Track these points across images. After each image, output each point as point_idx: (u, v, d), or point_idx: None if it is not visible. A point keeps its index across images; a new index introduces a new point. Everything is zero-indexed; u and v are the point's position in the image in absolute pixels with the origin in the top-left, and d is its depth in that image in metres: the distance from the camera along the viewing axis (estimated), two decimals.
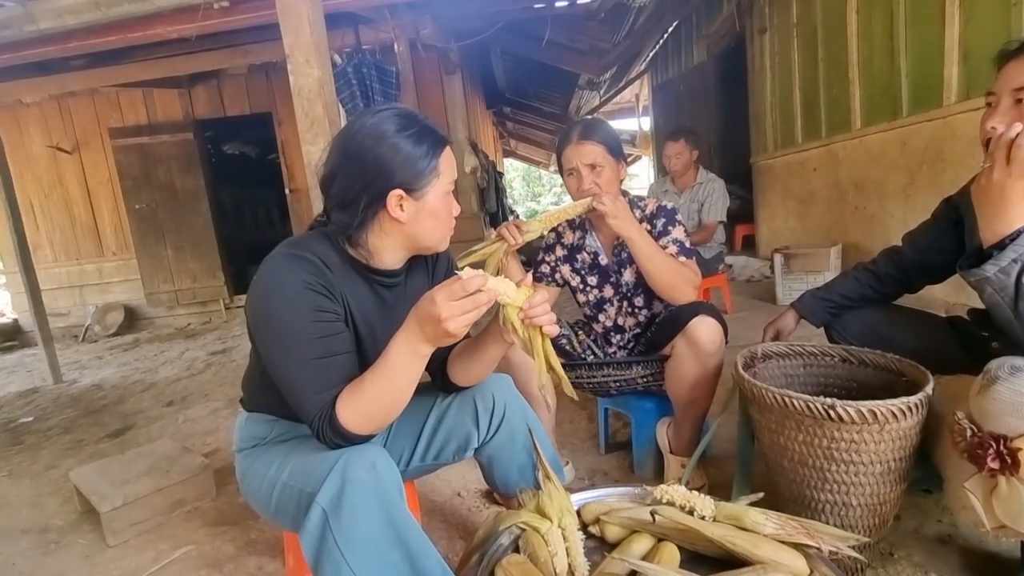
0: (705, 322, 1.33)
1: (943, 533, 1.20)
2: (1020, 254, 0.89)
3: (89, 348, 5.11)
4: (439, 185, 0.94)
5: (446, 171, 0.95)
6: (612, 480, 1.63)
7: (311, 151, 2.13)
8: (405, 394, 0.89)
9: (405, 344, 0.85)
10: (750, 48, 4.90)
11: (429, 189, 0.93)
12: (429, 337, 0.83)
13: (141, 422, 2.69)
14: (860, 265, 1.41)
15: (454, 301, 0.79)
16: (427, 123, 0.95)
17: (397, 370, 0.86)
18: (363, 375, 0.88)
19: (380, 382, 0.86)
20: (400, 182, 0.91)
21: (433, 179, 0.93)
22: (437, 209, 0.95)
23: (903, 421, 0.95)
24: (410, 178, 0.91)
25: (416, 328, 0.83)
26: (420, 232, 0.96)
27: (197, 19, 2.91)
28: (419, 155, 0.92)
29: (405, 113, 0.95)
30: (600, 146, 1.44)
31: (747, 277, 4.50)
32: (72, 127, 5.54)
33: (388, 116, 0.93)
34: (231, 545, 1.50)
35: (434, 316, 0.79)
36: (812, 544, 0.82)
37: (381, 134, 0.91)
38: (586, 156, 1.44)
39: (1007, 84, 0.97)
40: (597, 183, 1.44)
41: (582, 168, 1.44)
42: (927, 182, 2.89)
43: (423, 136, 0.93)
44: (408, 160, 0.91)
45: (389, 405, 0.88)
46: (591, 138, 1.44)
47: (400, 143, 0.91)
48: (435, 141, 0.94)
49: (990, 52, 1.05)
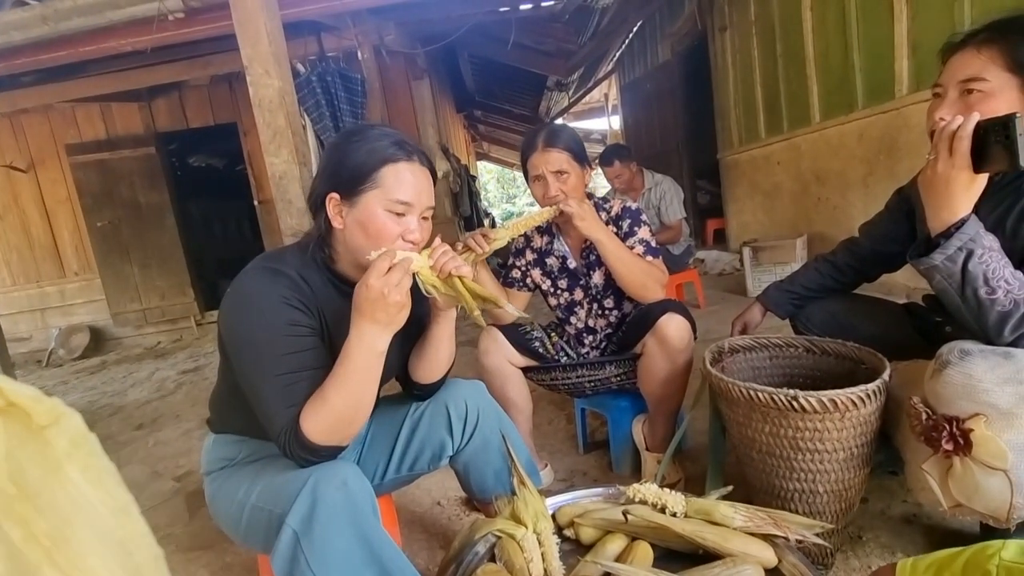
0: (673, 319, 1.35)
1: (908, 513, 1.24)
2: (965, 242, 0.92)
3: (53, 373, 4.93)
4: (375, 197, 0.92)
5: (392, 187, 0.92)
6: (591, 480, 1.64)
7: (275, 163, 2.09)
8: (368, 398, 0.89)
9: (360, 344, 0.85)
10: (712, 46, 5.00)
11: (362, 199, 0.92)
12: (382, 321, 0.85)
13: (109, 448, 2.56)
14: (820, 256, 1.45)
15: (383, 276, 0.83)
16: (383, 135, 0.95)
17: (358, 373, 0.86)
18: (323, 385, 0.87)
19: (342, 388, 0.86)
20: (335, 185, 0.93)
21: (369, 188, 0.92)
22: (365, 221, 0.92)
23: (863, 408, 0.98)
24: (343, 182, 0.92)
25: (366, 322, 0.85)
26: (353, 244, 0.95)
27: (152, 31, 2.84)
28: (357, 161, 0.92)
29: (371, 125, 0.98)
30: (565, 153, 1.45)
31: (719, 271, 4.58)
32: (26, 145, 5.34)
33: (356, 126, 0.97)
34: (206, 571, 1.46)
35: (377, 297, 0.82)
36: (780, 534, 0.84)
37: (336, 140, 0.96)
38: (552, 163, 1.45)
39: (953, 76, 1.00)
40: (563, 189, 1.45)
41: (548, 175, 1.45)
42: (884, 172, 2.99)
43: (366, 143, 0.93)
44: (344, 164, 0.93)
45: (353, 412, 0.87)
46: (556, 145, 1.45)
47: (346, 147, 0.93)
48: (380, 152, 0.92)
49: (937, 45, 1.08)
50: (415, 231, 0.94)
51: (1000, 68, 0.95)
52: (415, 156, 0.96)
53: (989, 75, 0.95)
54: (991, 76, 0.95)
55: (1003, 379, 0.86)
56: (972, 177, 0.92)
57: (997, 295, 0.91)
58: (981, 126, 0.90)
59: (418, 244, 0.95)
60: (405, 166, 0.94)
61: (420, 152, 0.98)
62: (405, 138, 0.97)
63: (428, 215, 0.99)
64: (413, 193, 0.94)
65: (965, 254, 0.92)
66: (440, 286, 0.93)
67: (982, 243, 0.91)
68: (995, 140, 0.88)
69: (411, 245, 0.94)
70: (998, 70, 0.95)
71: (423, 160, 0.98)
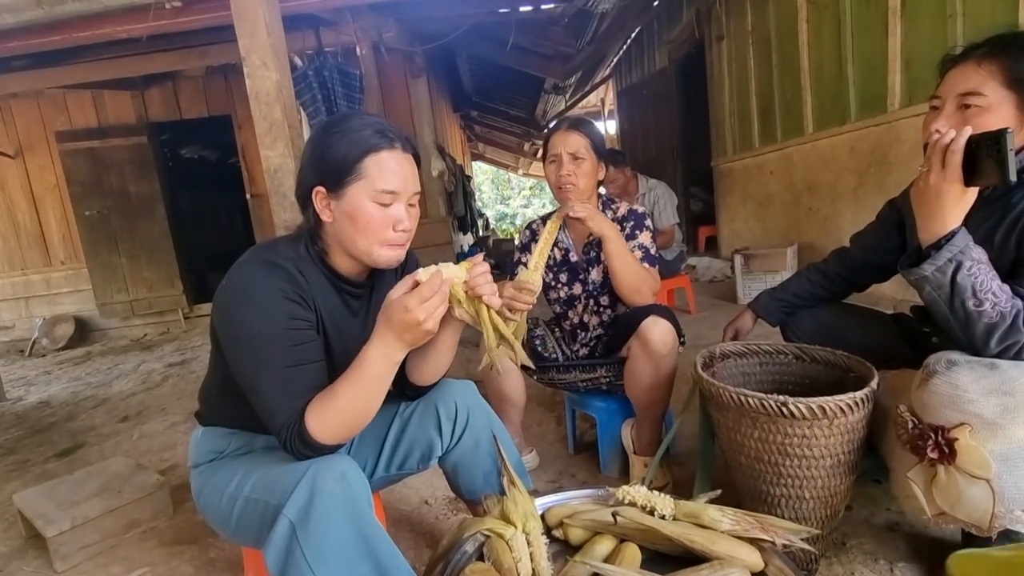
0: (657, 323, 1.36)
1: (891, 520, 1.26)
2: (955, 254, 0.93)
3: (36, 363, 4.84)
4: (360, 188, 0.90)
5: (376, 177, 0.90)
6: (580, 481, 1.64)
7: (270, 156, 2.08)
8: (376, 403, 0.89)
9: (379, 354, 0.85)
10: (709, 55, 5.04)
11: (348, 191, 0.91)
12: (408, 342, 0.85)
13: (93, 440, 2.57)
14: (812, 265, 1.47)
15: (425, 303, 0.81)
16: (364, 124, 0.92)
17: (372, 380, 0.86)
18: (333, 385, 0.87)
19: (354, 392, 0.85)
20: (320, 179, 0.92)
21: (354, 180, 0.90)
22: (353, 213, 0.91)
23: (851, 415, 0.99)
24: (328, 175, 0.91)
25: (392, 337, 0.84)
26: (343, 237, 0.94)
27: (148, 19, 2.79)
28: (340, 153, 0.90)
29: (351, 115, 0.96)
30: (586, 139, 1.51)
31: (710, 278, 4.61)
32: (15, 130, 5.26)
33: (335, 117, 0.95)
34: (189, 565, 1.45)
35: (413, 322, 0.81)
36: (767, 538, 0.85)
37: (316, 133, 0.95)
38: (571, 145, 1.50)
39: (952, 89, 1.01)
40: (575, 173, 1.49)
41: (565, 156, 1.50)
42: (875, 184, 3.03)
43: (347, 135, 0.91)
44: (327, 156, 0.91)
45: (361, 415, 0.88)
46: (580, 129, 1.52)
47: (327, 139, 0.92)
48: (362, 143, 0.90)
49: (930, 60, 1.10)
50: (404, 220, 0.94)
51: (998, 84, 0.96)
52: (397, 143, 0.94)
53: (987, 90, 0.96)
54: (989, 91, 0.96)
55: (988, 390, 0.88)
56: (963, 190, 0.94)
57: (984, 307, 0.92)
58: (973, 140, 0.92)
59: (408, 232, 0.95)
60: (388, 155, 0.92)
61: (403, 138, 0.96)
62: (386, 125, 0.94)
63: (415, 202, 0.98)
64: (399, 181, 0.92)
65: (954, 266, 0.93)
66: (465, 303, 0.90)
67: (971, 255, 0.93)
68: (987, 154, 0.90)
69: (403, 235, 0.94)
70: (996, 85, 0.96)
71: (406, 146, 0.96)
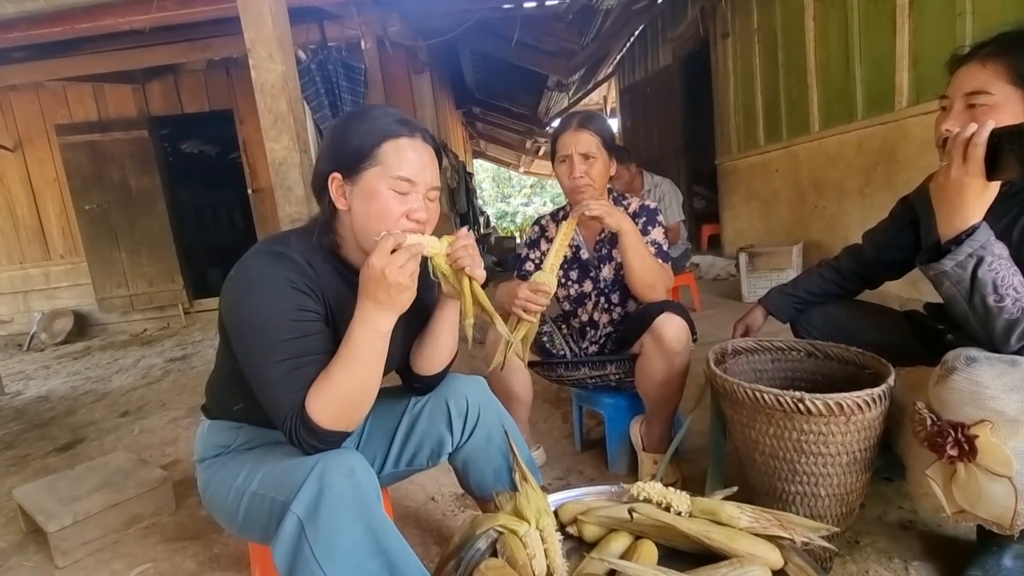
0: (671, 320, 1.35)
1: (904, 519, 1.24)
2: (975, 249, 0.92)
3: (35, 357, 4.82)
4: (377, 174, 0.89)
5: (393, 164, 0.89)
6: (587, 479, 1.63)
7: (275, 148, 2.06)
8: (374, 381, 0.88)
9: (363, 324, 0.84)
10: (714, 52, 5.02)
11: (364, 176, 0.90)
12: (384, 302, 0.83)
13: (93, 434, 2.55)
14: (824, 262, 1.46)
15: (387, 256, 0.82)
16: (385, 113, 0.93)
17: (364, 355, 0.85)
18: (328, 368, 0.86)
19: (349, 371, 0.84)
20: (336, 165, 0.91)
21: (370, 165, 0.90)
22: (368, 199, 0.89)
23: (868, 412, 0.98)
24: (345, 161, 0.91)
25: (371, 303, 0.84)
26: (357, 226, 0.92)
27: (151, 10, 2.78)
28: (358, 139, 0.90)
29: (373, 106, 0.96)
30: (597, 137, 1.47)
31: (714, 276, 4.60)
32: (14, 123, 5.23)
33: (358, 108, 0.97)
34: (192, 561, 1.43)
35: (377, 275, 0.81)
36: (786, 536, 0.84)
37: (337, 122, 0.95)
38: (582, 145, 1.46)
39: (959, 88, 1.01)
40: (588, 173, 1.46)
41: (576, 156, 1.46)
42: (882, 182, 3.01)
43: (367, 122, 0.91)
44: (345, 143, 0.91)
45: (359, 394, 0.86)
46: (589, 127, 1.47)
47: (348, 127, 0.92)
48: (381, 129, 0.90)
49: (938, 59, 1.09)
50: (420, 210, 0.92)
51: (1004, 81, 0.96)
52: (418, 133, 0.93)
53: (993, 88, 0.96)
54: (995, 89, 0.96)
55: (1009, 386, 0.86)
56: (985, 184, 0.92)
57: (1005, 303, 0.91)
58: (996, 134, 0.90)
59: (423, 224, 0.93)
60: (407, 142, 0.91)
61: (424, 130, 0.95)
62: (409, 117, 0.95)
63: (434, 197, 0.96)
64: (416, 170, 0.91)
65: (975, 261, 0.92)
66: (450, 276, 0.92)
67: (992, 250, 0.92)
68: (1009, 148, 0.89)
69: (416, 225, 0.92)
70: (1002, 83, 0.96)
71: (427, 138, 0.94)
